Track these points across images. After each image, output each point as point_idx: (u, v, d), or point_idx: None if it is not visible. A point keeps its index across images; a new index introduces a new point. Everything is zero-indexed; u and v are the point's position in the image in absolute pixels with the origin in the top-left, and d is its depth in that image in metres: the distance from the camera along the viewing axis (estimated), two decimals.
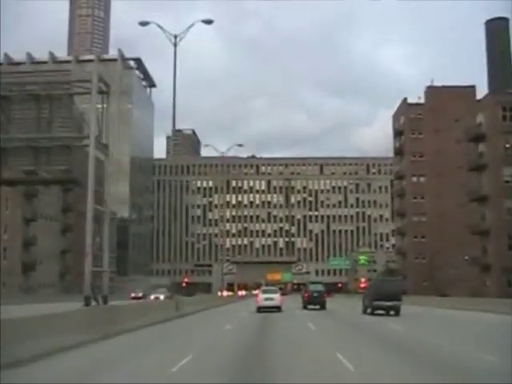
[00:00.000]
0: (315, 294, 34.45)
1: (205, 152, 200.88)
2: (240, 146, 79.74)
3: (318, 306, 33.76)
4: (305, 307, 34.37)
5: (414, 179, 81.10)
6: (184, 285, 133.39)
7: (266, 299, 30.95)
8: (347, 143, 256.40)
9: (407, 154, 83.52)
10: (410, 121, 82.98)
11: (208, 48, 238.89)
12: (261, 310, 30.08)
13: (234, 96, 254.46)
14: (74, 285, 73.80)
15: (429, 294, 59.79)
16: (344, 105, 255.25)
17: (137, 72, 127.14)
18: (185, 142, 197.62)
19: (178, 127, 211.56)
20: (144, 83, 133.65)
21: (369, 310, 26.52)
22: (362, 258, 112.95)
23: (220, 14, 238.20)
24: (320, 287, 35.65)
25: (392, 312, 25.78)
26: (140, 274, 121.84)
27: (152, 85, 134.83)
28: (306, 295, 35.35)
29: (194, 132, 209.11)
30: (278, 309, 30.13)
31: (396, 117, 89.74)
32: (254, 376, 9.18)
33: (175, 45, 29.88)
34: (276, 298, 31.00)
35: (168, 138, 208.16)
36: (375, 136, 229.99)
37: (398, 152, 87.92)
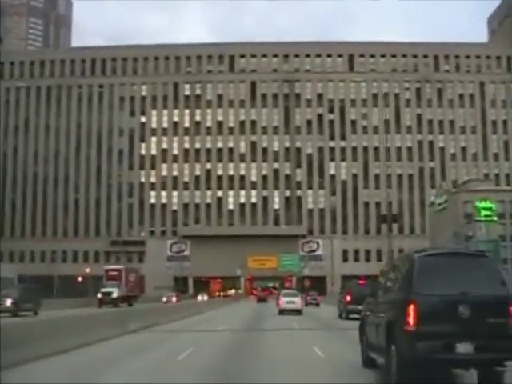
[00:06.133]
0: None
1: None
2: None
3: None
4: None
5: None
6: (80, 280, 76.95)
7: (288, 302, 36.05)
8: None
9: None
10: None
11: None
12: (282, 312, 35.08)
13: None
14: None
15: None
16: None
17: None
18: None
19: None
20: None
21: (344, 315, 30.05)
22: (485, 207, 57.64)
23: (213, 13, 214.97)
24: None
25: None
26: None
27: None
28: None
29: None
30: (298, 312, 34.70)
31: None
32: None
33: None
34: (297, 301, 36.22)
35: None
36: None
37: None
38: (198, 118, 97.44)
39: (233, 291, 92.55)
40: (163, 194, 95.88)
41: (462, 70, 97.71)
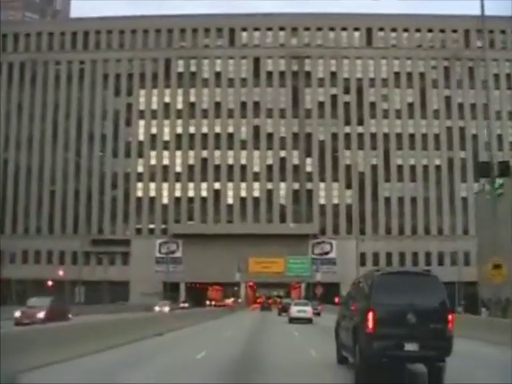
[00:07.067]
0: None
1: None
2: None
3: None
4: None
5: None
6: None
7: (299, 311, 38.42)
8: None
9: None
10: None
11: None
12: (293, 320, 37.26)
13: None
14: None
15: None
16: None
17: None
18: None
19: None
20: None
21: None
22: None
23: None
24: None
25: None
26: None
27: None
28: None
29: None
30: (309, 321, 37.40)
31: None
32: None
33: None
34: (308, 310, 38.54)
35: None
36: None
37: None
38: (192, 98, 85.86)
39: (231, 300, 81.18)
40: (152, 185, 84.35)
41: (497, 47, 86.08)
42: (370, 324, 10.50)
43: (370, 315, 10.52)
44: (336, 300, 61.79)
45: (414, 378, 11.83)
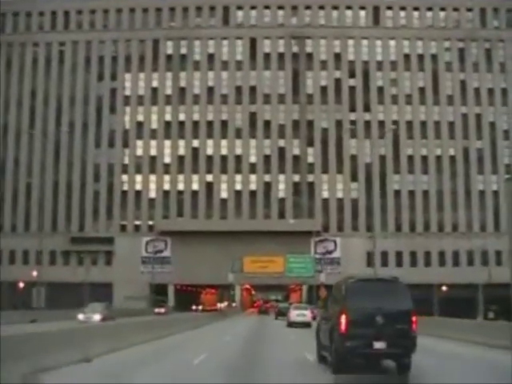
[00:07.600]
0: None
1: None
2: None
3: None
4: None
5: None
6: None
7: (298, 315, 39.32)
8: None
9: None
10: None
11: None
12: (292, 325, 38.03)
13: None
14: None
15: None
16: None
17: None
18: None
19: None
20: None
21: None
22: None
23: None
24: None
25: None
26: None
27: None
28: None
29: None
30: (307, 325, 37.18)
31: None
32: None
33: None
34: (307, 314, 39.50)
35: None
36: None
37: None
38: (182, 83, 79.02)
39: (223, 304, 74.47)
40: (138, 178, 77.58)
41: None
42: (343, 326, 12.00)
43: (343, 318, 12.05)
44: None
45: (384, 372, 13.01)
